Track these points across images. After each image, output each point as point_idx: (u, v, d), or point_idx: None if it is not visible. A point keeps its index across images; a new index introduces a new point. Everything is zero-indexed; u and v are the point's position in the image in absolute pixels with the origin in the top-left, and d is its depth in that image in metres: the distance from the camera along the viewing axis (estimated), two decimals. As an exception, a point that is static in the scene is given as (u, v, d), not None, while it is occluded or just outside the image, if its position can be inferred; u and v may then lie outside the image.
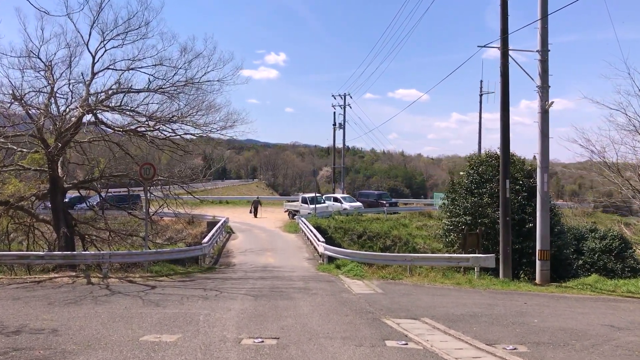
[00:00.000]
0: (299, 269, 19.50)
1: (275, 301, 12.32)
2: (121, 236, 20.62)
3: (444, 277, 16.73)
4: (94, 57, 18.95)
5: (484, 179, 20.37)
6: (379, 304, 12.19)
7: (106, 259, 16.43)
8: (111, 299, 12.48)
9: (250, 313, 10.71)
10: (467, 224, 19.27)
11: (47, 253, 16.24)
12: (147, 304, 11.76)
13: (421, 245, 33.19)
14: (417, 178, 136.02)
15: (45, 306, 11.28)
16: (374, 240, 33.04)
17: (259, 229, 34.04)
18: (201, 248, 19.62)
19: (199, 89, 18.46)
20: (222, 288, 14.49)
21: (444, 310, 11.58)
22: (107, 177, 19.29)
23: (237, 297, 12.83)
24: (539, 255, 16.44)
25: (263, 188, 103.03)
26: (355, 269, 17.65)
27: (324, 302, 12.43)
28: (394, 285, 15.61)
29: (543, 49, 16.44)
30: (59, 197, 17.52)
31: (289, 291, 14.07)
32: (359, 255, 18.24)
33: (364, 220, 35.33)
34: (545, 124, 16.45)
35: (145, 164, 17.66)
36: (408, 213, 38.65)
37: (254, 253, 23.83)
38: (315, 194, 36.95)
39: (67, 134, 17.07)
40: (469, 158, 21.71)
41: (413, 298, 13.33)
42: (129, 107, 17.62)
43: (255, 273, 18.36)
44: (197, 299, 12.56)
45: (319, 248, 20.51)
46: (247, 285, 15.30)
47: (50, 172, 17.22)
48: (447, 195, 21.77)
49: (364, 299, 12.94)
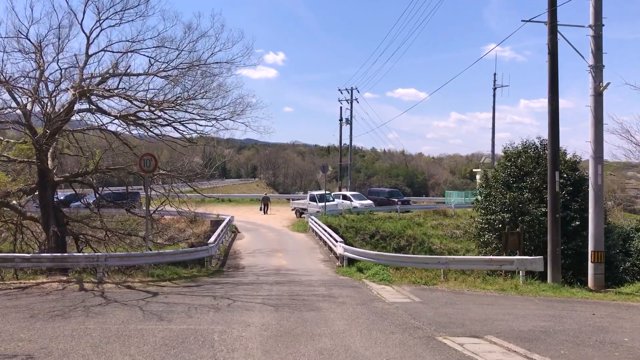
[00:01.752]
0: (316, 272, 17.57)
1: (300, 313, 10.39)
2: (119, 236, 18.64)
3: (484, 282, 14.80)
4: (89, 37, 16.99)
5: (523, 172, 18.41)
6: (424, 317, 10.26)
7: (102, 261, 14.48)
8: (106, 309, 10.53)
9: (274, 330, 8.77)
10: (505, 222, 17.32)
11: (34, 255, 14.28)
12: (149, 316, 9.82)
13: (437, 245, 31.35)
14: (419, 177, 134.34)
15: (26, 320, 9.33)
16: (387, 240, 31.12)
17: (265, 228, 32.10)
18: (207, 249, 17.66)
19: (205, 72, 16.50)
20: (235, 295, 12.56)
21: (505, 324, 9.65)
22: (102, 171, 17.31)
23: (254, 308, 10.89)
24: (592, 257, 14.52)
25: (263, 187, 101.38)
26: (381, 272, 15.73)
27: (357, 313, 10.50)
28: (429, 292, 13.67)
29: (596, 24, 14.52)
30: (49, 191, 15.56)
31: (311, 299, 12.15)
32: (384, 257, 16.29)
33: (376, 219, 33.39)
34: (599, 108, 14.54)
35: (145, 155, 15.68)
36: (422, 212, 36.68)
37: (264, 254, 21.89)
38: (324, 192, 34.98)
39: (58, 120, 15.11)
40: (505, 149, 19.77)
41: (460, 308, 11.39)
42: (127, 90, 15.66)
43: (268, 277, 16.43)
44: (207, 309, 10.62)
45: (337, 249, 18.56)
46: (262, 291, 13.37)
47: (38, 163, 15.26)
48: (479, 191, 19.77)
49: (402, 310, 11.01)
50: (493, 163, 47.84)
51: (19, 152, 16.69)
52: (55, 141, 16.52)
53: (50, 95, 15.21)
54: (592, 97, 14.63)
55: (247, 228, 30.98)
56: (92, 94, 15.74)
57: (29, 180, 16.86)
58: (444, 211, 36.28)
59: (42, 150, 14.67)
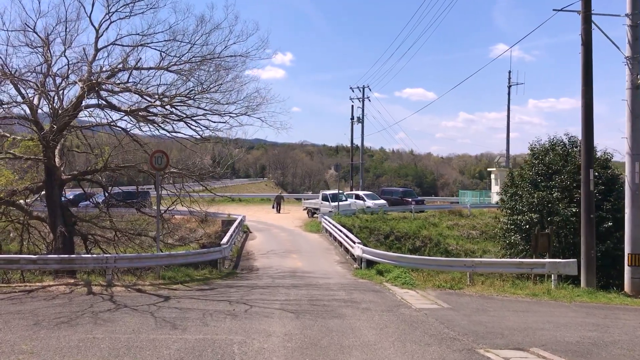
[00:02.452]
0: (334, 275, 16.83)
1: (324, 320, 9.65)
2: (128, 236, 17.98)
3: (513, 286, 13.96)
4: (98, 30, 16.35)
5: (551, 170, 17.51)
6: (458, 325, 9.48)
7: (111, 263, 13.82)
8: (115, 316, 9.84)
9: (298, 340, 8.03)
10: (533, 223, 16.47)
11: (41, 256, 13.63)
12: (161, 324, 9.11)
13: (454, 246, 30.57)
14: (428, 177, 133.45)
15: (29, 328, 8.66)
16: (402, 241, 30.33)
17: (277, 228, 31.38)
18: (221, 250, 16.95)
19: (218, 65, 15.76)
20: (251, 300, 11.85)
21: (549, 334, 8.85)
22: (112, 169, 16.64)
23: (274, 314, 10.16)
24: (630, 260, 13.64)
25: (272, 187, 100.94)
26: (403, 276, 14.95)
27: (384, 321, 9.74)
28: (457, 297, 12.88)
29: (634, 12, 13.65)
30: (56, 190, 14.92)
31: (333, 305, 11.40)
32: (406, 259, 15.50)
33: (390, 219, 32.59)
34: (636, 102, 13.66)
35: (156, 152, 14.98)
36: (437, 212, 35.79)
37: (278, 255, 21.17)
38: (337, 191, 34.21)
39: (65, 116, 14.46)
40: (532, 147, 18.86)
41: (494, 316, 10.59)
42: (137, 84, 14.99)
43: (284, 279, 15.70)
44: (223, 316, 9.91)
45: (355, 250, 17.79)
46: (279, 295, 12.65)
47: (45, 160, 14.62)
48: (504, 190, 18.90)
49: (433, 317, 10.23)
50: (508, 162, 46.87)
51: (25, 149, 16.07)
52: (63, 138, 15.90)
53: (58, 88, 14.55)
54: (629, 90, 13.75)
55: (258, 228, 30.28)
56: (101, 89, 15.08)
57: (36, 179, 16.24)
58: (460, 211, 35.37)
59: (49, 146, 14.02)
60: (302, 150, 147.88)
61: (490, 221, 34.67)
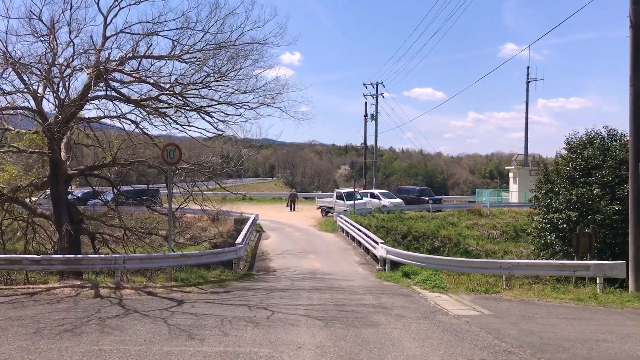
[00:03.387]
0: (356, 277, 15.80)
1: (357, 329, 8.62)
2: (138, 235, 17.04)
3: (554, 290, 12.87)
4: (106, 18, 15.40)
5: (590, 165, 16.37)
6: (508, 336, 8.42)
7: (119, 264, 12.87)
8: (124, 322, 8.87)
9: (333, 355, 7.01)
10: (571, 222, 15.34)
11: (45, 257, 12.71)
12: (176, 333, 8.13)
13: (474, 246, 29.41)
14: (438, 177, 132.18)
15: (29, 337, 7.70)
16: (420, 241, 29.23)
17: (291, 227, 30.38)
18: (236, 250, 15.96)
19: (234, 53, 14.74)
20: (272, 305, 10.85)
21: (615, 347, 7.77)
22: (121, 164, 15.69)
23: (300, 322, 9.15)
24: (683, 262, 12.49)
25: (281, 186, 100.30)
26: (432, 278, 13.88)
27: (424, 331, 8.70)
28: (495, 302, 11.80)
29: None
30: (62, 185, 13.99)
31: (362, 311, 10.38)
32: (435, 261, 14.41)
33: (407, 219, 31.49)
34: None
35: (168, 145, 14.00)
36: (455, 211, 34.62)
37: (294, 256, 20.17)
38: (353, 189, 33.13)
39: (72, 106, 13.53)
40: (568, 140, 17.65)
41: (544, 324, 9.51)
42: (147, 70, 14.02)
43: (303, 282, 14.70)
44: (244, 323, 8.91)
45: (378, 251, 16.73)
46: (301, 300, 11.64)
47: (49, 153, 13.69)
48: (538, 187, 17.72)
49: (476, 326, 9.17)
50: (526, 160, 45.59)
51: (30, 143, 15.16)
52: (70, 130, 14.97)
53: (63, 74, 13.60)
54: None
55: (272, 227, 29.30)
56: (110, 78, 14.13)
57: (42, 174, 15.34)
58: (479, 210, 34.18)
59: (53, 138, 13.09)
60: (311, 149, 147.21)
61: (511, 221, 33.57)
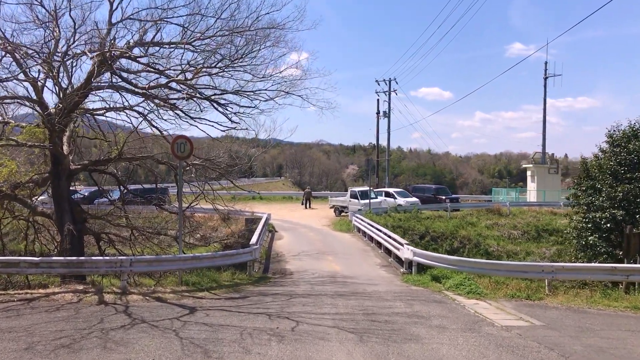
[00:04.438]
0: (380, 281, 14.62)
1: (398, 345, 7.47)
2: (146, 235, 15.93)
3: (604, 296, 11.65)
4: (112, 3, 14.35)
5: (637, 159, 15.08)
6: (574, 353, 7.26)
7: (126, 266, 11.78)
8: (130, 335, 7.76)
9: (379, 379, 5.85)
10: (616, 221, 14.07)
11: (44, 259, 11.63)
12: (189, 349, 7.02)
13: (495, 247, 28.15)
14: (447, 176, 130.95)
15: (19, 355, 6.63)
16: (439, 242, 28.02)
17: (304, 227, 29.21)
18: (251, 251, 14.82)
19: (249, 39, 13.59)
20: (294, 313, 9.72)
21: None
22: (128, 159, 14.60)
23: (330, 335, 8.01)
24: None
25: (289, 186, 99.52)
26: (466, 283, 12.71)
27: (474, 346, 7.53)
28: (542, 310, 10.60)
29: None
30: (63, 181, 12.91)
31: (397, 321, 9.22)
32: (469, 264, 13.18)
33: (424, 219, 30.27)
34: None
35: (179, 138, 12.88)
36: (474, 210, 33.32)
37: (311, 257, 19.01)
38: (368, 188, 31.90)
39: (75, 95, 12.45)
40: (610, 133, 16.29)
41: (609, 339, 8.30)
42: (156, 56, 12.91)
43: (324, 286, 13.54)
44: (266, 337, 7.78)
45: (403, 253, 15.53)
46: (326, 307, 10.50)
47: (50, 147, 12.62)
48: (578, 184, 16.41)
49: (532, 340, 7.99)
50: (544, 159, 44.18)
51: (30, 136, 14.09)
52: (73, 121, 13.91)
53: (64, 58, 12.50)
54: None
55: (284, 227, 28.15)
56: (116, 67, 13.03)
57: (44, 170, 14.28)
58: (498, 210, 32.87)
59: (54, 130, 11.99)
60: (319, 149, 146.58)
61: (532, 220, 32.24)
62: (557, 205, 35.38)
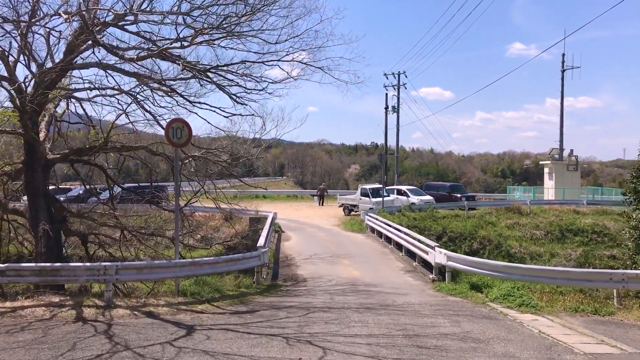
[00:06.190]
0: (408, 289, 12.61)
1: (468, 388, 5.45)
2: (140, 236, 13.94)
3: (690, 311, 9.64)
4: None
5: None
6: None
7: (110, 275, 9.77)
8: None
9: None
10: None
11: (10, 266, 9.59)
12: (184, 398, 5.01)
13: (517, 248, 26.29)
14: (450, 176, 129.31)
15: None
16: (457, 242, 26.05)
17: (312, 226, 27.21)
18: (259, 255, 12.78)
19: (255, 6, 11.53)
20: (318, 335, 7.76)
21: None
22: (116, 148, 12.59)
23: (372, 372, 6.00)
24: None
25: (291, 185, 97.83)
26: (515, 293, 10.72)
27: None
28: (622, 330, 8.61)
29: None
30: (39, 173, 10.90)
31: (449, 347, 7.27)
32: (520, 270, 11.06)
33: (440, 218, 28.30)
34: None
35: (175, 121, 10.82)
36: (493, 209, 31.30)
37: (324, 260, 17.02)
38: (382, 185, 29.85)
39: (52, 71, 10.45)
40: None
41: None
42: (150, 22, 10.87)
43: (346, 296, 11.55)
44: (287, 375, 5.78)
45: (434, 257, 13.47)
46: (354, 326, 8.52)
47: (22, 133, 10.62)
48: (635, 177, 14.40)
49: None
50: (561, 155, 42.14)
51: (2, 122, 12.09)
52: (53, 104, 11.91)
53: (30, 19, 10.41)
54: None
55: (291, 227, 26.13)
56: (101, 35, 11.00)
57: (17, 160, 12.28)
58: (518, 208, 30.88)
59: (25, 111, 9.98)
60: (321, 149, 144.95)
61: (555, 219, 30.24)
62: (580, 204, 33.43)
